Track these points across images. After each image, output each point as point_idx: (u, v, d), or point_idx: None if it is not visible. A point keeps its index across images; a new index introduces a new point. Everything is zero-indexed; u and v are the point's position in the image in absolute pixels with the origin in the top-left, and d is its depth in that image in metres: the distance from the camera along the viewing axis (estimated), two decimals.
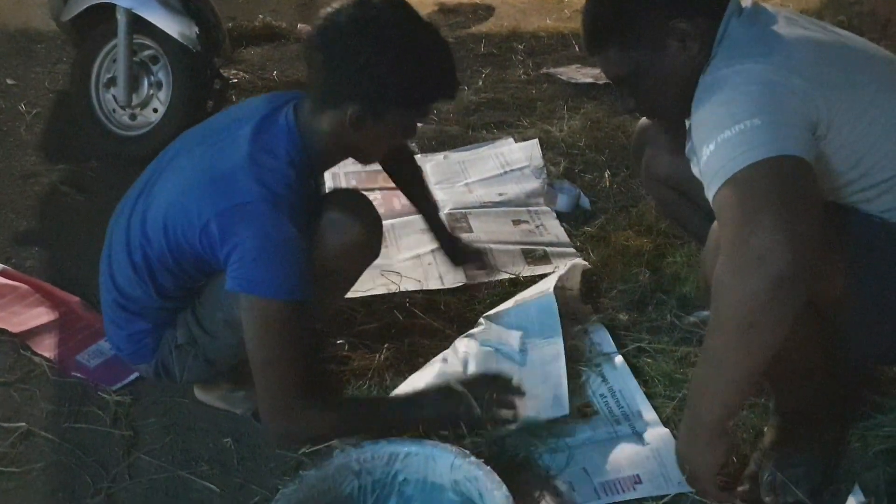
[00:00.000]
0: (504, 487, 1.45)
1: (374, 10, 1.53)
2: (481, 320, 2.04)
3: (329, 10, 1.55)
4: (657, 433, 1.74)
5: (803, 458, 1.61)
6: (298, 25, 4.47)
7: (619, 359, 1.97)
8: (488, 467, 1.49)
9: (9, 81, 3.60)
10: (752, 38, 1.43)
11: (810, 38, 1.45)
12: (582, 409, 1.83)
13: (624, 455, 1.69)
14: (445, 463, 1.53)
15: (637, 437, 1.74)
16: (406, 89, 1.55)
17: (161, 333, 1.71)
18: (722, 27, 1.46)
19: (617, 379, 1.91)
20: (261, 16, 4.46)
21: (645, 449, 1.70)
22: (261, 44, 4.12)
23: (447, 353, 1.94)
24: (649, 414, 1.80)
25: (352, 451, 1.52)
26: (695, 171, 1.68)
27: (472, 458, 1.51)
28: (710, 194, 1.33)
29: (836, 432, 1.69)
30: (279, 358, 1.55)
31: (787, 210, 1.24)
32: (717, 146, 1.31)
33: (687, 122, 1.68)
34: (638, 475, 1.65)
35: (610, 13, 1.52)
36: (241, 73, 3.72)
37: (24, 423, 1.81)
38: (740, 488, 1.58)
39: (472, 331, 2.01)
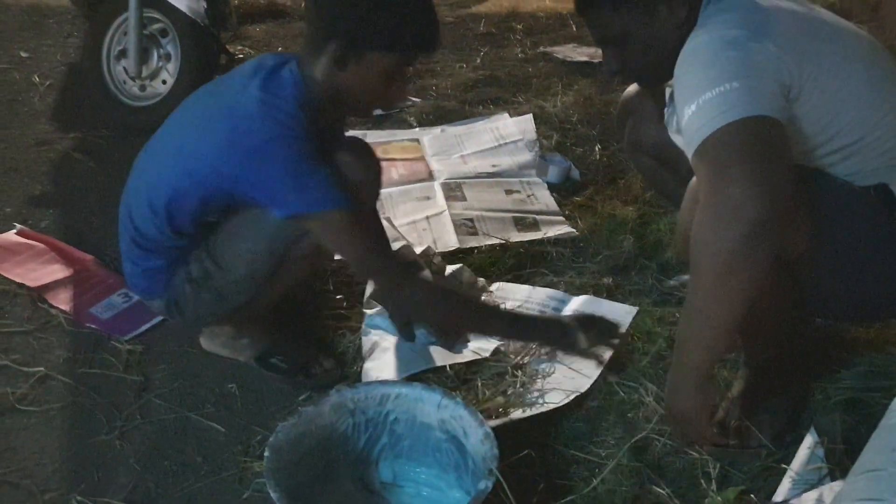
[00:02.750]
0: (486, 425, 1.57)
1: None
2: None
3: None
4: None
5: (768, 407, 1.72)
6: (302, 4, 4.57)
7: None
8: (472, 407, 1.62)
9: (22, 54, 3.72)
10: (733, 7, 1.51)
11: (786, 10, 1.54)
12: None
13: None
14: (433, 403, 1.65)
15: None
16: (382, 30, 1.62)
17: (174, 270, 1.82)
18: None
19: None
20: None
21: None
22: (266, 21, 4.22)
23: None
24: None
25: (346, 391, 1.64)
26: (672, 136, 1.79)
27: (458, 399, 1.64)
28: (690, 151, 1.41)
29: (800, 385, 1.80)
30: (367, 251, 1.70)
31: (761, 165, 1.33)
32: (699, 107, 1.39)
33: (667, 90, 1.80)
34: None
35: None
36: (246, 48, 3.82)
37: (42, 368, 1.94)
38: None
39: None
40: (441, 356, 1.95)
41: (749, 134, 1.36)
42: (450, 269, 2.25)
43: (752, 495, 1.55)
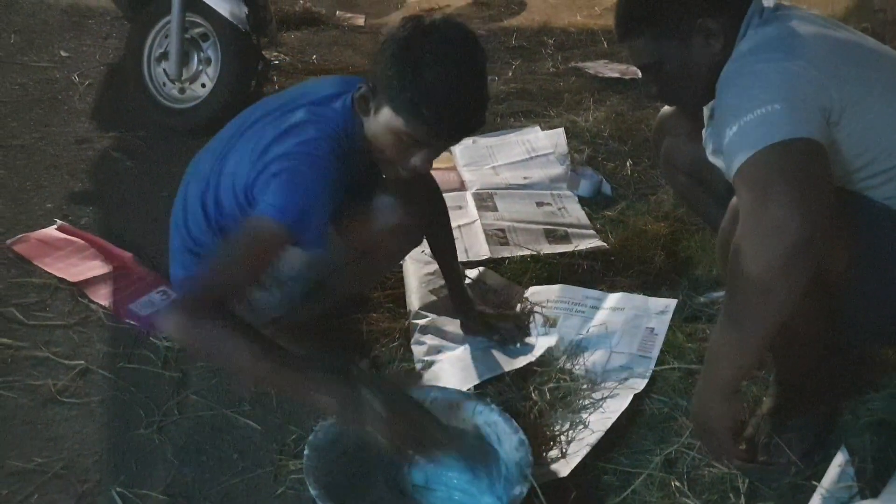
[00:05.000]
0: (521, 432, 1.60)
1: (438, 25, 1.58)
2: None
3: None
4: None
5: (797, 425, 1.74)
6: (336, 12, 4.64)
7: None
8: (507, 414, 1.65)
9: (62, 53, 3.79)
10: (773, 33, 1.55)
11: (826, 35, 1.57)
12: None
13: None
14: (468, 409, 1.68)
15: None
16: (397, 90, 1.55)
17: None
18: (745, 24, 1.58)
19: None
20: (301, 1, 4.62)
21: None
22: (301, 28, 4.29)
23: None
24: None
25: None
26: (709, 155, 1.81)
27: (493, 405, 1.67)
28: (731, 170, 1.44)
29: (830, 404, 1.82)
30: (233, 264, 1.56)
31: (802, 186, 1.36)
32: (740, 127, 1.42)
33: (704, 111, 1.83)
34: None
35: (644, 5, 1.64)
36: (281, 55, 3.88)
37: (82, 362, 1.98)
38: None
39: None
40: (503, 362, 1.99)
41: (791, 156, 1.39)
42: (473, 272, 2.29)
43: None
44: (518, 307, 2.21)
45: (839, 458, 1.61)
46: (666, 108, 2.20)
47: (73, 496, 1.64)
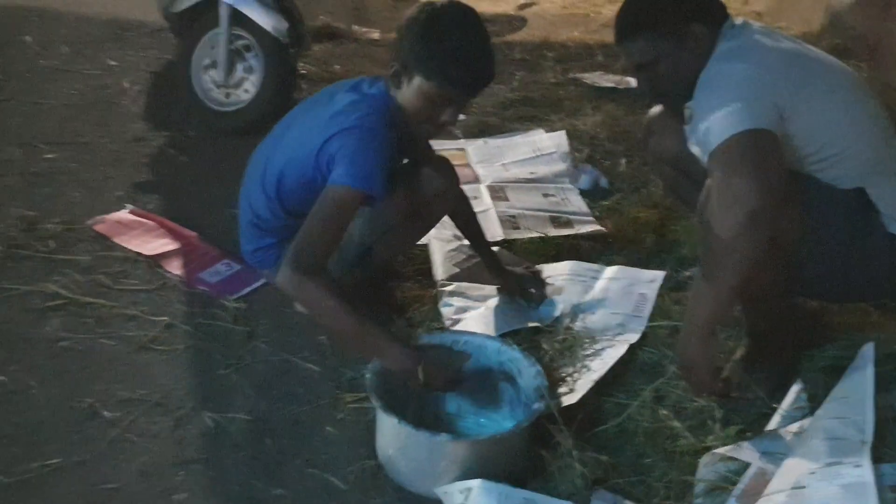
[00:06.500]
0: (537, 364, 1.98)
1: (444, 5, 1.98)
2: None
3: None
4: None
5: (765, 367, 2.09)
6: (353, 27, 5.02)
7: None
8: (525, 352, 2.02)
9: (110, 62, 4.16)
10: (739, 45, 1.92)
11: (781, 48, 1.95)
12: None
13: None
14: (493, 348, 2.06)
15: None
16: (427, 59, 1.93)
17: (283, 246, 2.24)
18: (721, 35, 1.94)
19: None
20: (321, 17, 4.99)
21: None
22: (323, 41, 4.64)
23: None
24: None
25: (426, 336, 2.06)
26: (691, 147, 2.18)
27: (514, 345, 2.04)
28: (705, 155, 1.80)
29: (792, 353, 2.16)
30: (321, 231, 1.92)
31: (759, 165, 1.71)
32: (711, 122, 1.78)
33: (686, 108, 2.20)
34: None
35: (645, 10, 1.97)
36: (307, 65, 4.25)
37: (166, 318, 2.35)
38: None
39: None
40: (519, 320, 2.37)
41: (751, 142, 1.75)
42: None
43: (748, 433, 1.92)
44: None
45: (795, 387, 1.97)
46: (653, 110, 2.52)
47: (173, 419, 2.01)
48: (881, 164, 1.93)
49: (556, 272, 2.59)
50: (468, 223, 2.50)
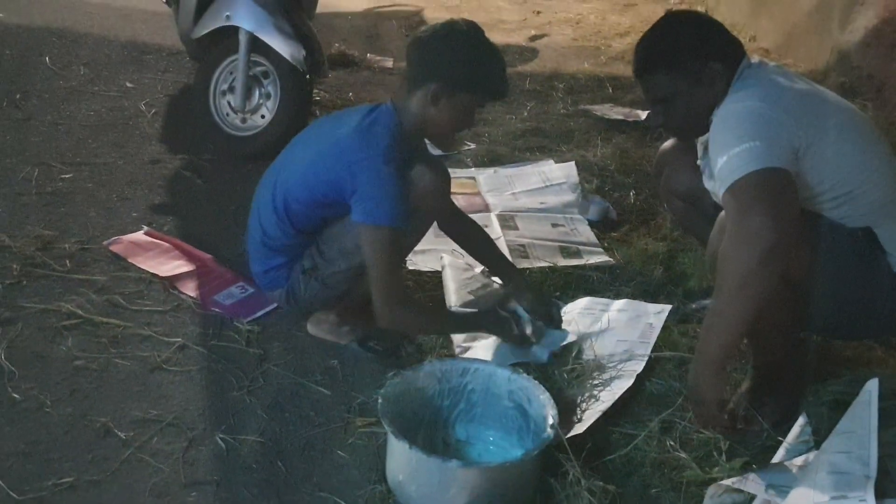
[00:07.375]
0: (546, 393, 2.00)
1: (458, 26, 2.21)
2: None
3: (424, 26, 2.28)
4: None
5: (770, 400, 2.12)
6: (367, 55, 5.10)
7: None
8: (536, 381, 2.05)
9: (128, 84, 4.23)
10: (756, 84, 1.96)
11: (796, 88, 1.99)
12: None
13: None
14: (503, 377, 2.08)
15: None
16: (473, 77, 2.18)
17: (292, 266, 2.31)
18: (738, 73, 1.99)
19: None
20: (336, 44, 5.07)
21: None
22: (337, 69, 4.72)
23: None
24: None
25: (437, 363, 2.09)
26: (705, 181, 2.23)
27: (524, 374, 2.07)
28: (722, 190, 1.84)
29: (797, 387, 2.18)
30: (387, 272, 2.15)
31: (774, 203, 1.75)
32: (728, 158, 1.82)
33: (698, 142, 2.25)
34: None
35: (666, 46, 2.03)
36: (322, 92, 4.32)
37: (180, 339, 2.38)
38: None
39: None
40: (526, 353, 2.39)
41: (767, 180, 1.79)
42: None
43: (753, 465, 1.94)
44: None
45: (800, 421, 1.99)
46: (666, 144, 2.59)
47: (186, 439, 2.03)
48: (890, 204, 1.98)
49: (572, 308, 2.62)
50: (479, 245, 2.61)
